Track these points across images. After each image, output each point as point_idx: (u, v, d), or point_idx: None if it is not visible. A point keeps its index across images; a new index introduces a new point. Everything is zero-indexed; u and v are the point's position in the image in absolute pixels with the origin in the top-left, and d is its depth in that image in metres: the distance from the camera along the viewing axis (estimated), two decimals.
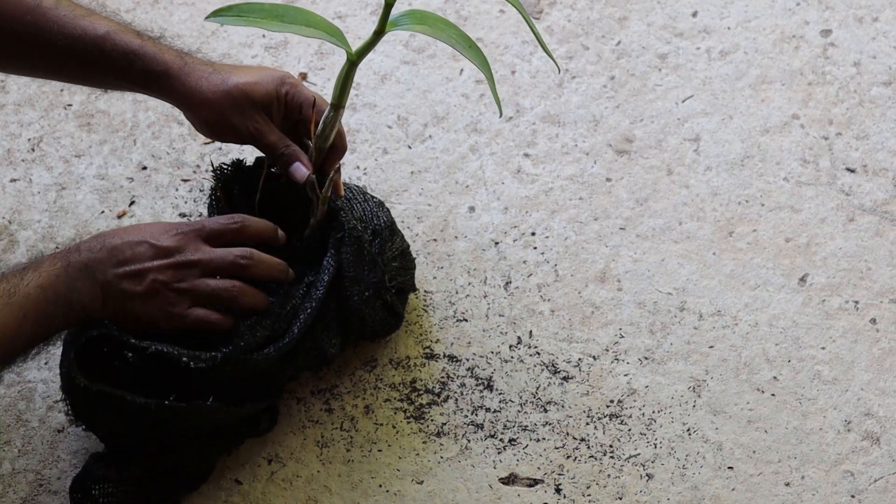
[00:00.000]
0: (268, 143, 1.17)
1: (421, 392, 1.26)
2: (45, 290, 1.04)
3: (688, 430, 1.25)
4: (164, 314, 1.11)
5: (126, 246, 1.08)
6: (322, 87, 1.43)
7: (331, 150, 1.19)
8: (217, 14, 1.09)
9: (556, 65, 1.15)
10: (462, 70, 1.44)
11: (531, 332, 1.30)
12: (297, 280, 1.18)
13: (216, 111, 1.15)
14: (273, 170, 1.20)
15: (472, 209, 1.36)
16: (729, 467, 1.23)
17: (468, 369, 1.28)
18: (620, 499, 1.22)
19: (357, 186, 1.27)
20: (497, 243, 1.34)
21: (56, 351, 1.18)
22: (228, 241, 1.14)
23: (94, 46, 1.13)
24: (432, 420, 1.25)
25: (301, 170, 1.16)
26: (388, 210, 1.26)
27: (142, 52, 1.14)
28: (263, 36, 1.45)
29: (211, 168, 1.23)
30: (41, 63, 1.18)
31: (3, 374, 1.10)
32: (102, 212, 1.36)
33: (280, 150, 1.17)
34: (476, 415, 1.25)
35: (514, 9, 1.48)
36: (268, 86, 1.16)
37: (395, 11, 1.08)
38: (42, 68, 1.19)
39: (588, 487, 1.22)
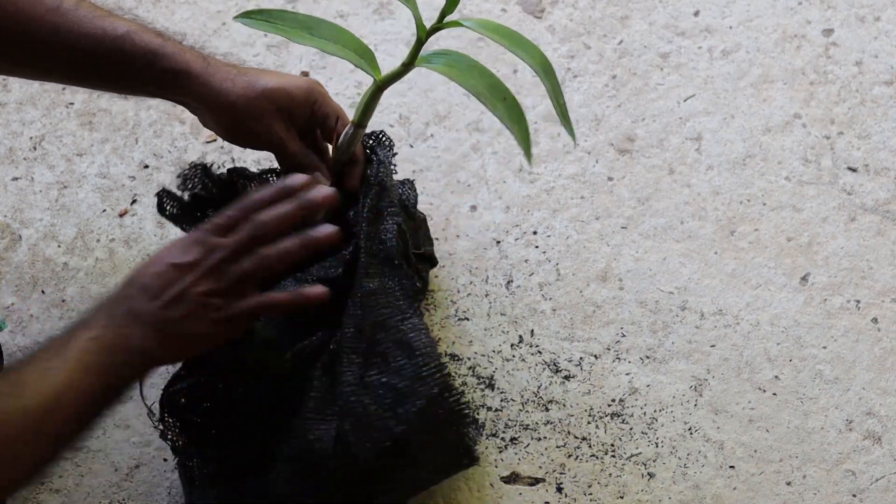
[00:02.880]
0: (290, 153, 1.15)
1: None
2: (99, 342, 1.01)
3: (689, 429, 1.25)
4: (222, 321, 1.06)
5: (154, 277, 1.04)
6: (324, 85, 1.42)
7: (350, 164, 1.18)
8: (247, 16, 1.07)
9: (573, 138, 1.09)
10: None
11: (533, 330, 1.30)
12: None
13: (239, 116, 1.12)
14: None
15: (473, 208, 1.36)
16: (730, 466, 1.23)
17: (469, 368, 1.28)
18: (622, 498, 1.22)
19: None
20: (499, 242, 1.34)
21: None
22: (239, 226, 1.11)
23: (115, 46, 1.12)
24: None
25: (322, 190, 1.12)
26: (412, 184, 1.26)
27: (162, 52, 1.12)
28: (265, 35, 1.45)
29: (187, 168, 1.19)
30: (61, 64, 1.16)
31: (84, 438, 1.08)
32: (104, 210, 1.36)
33: (301, 161, 1.15)
34: (477, 413, 1.25)
35: (516, 7, 1.48)
36: (296, 94, 1.13)
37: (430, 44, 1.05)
38: (61, 71, 1.17)
39: (589, 486, 1.22)
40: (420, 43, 1.05)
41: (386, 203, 1.16)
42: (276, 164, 1.20)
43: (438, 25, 1.04)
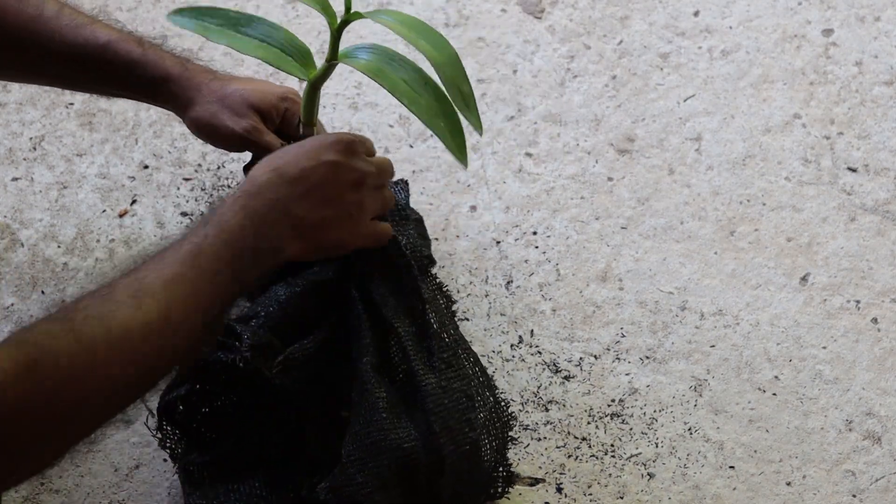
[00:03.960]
0: (263, 142, 1.14)
1: None
2: (231, 247, 0.97)
3: (689, 429, 1.25)
4: (355, 235, 1.06)
5: (306, 171, 1.01)
6: (324, 85, 1.42)
7: None
8: (178, 13, 1.05)
9: (479, 131, 1.05)
10: None
11: (532, 331, 1.30)
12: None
13: (209, 112, 1.14)
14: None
15: (473, 208, 1.36)
16: (730, 466, 1.23)
17: None
18: (622, 498, 1.22)
19: None
20: (498, 242, 1.34)
21: None
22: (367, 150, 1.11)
23: (97, 55, 1.13)
24: None
25: None
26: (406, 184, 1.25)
27: (143, 61, 1.13)
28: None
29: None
30: (44, 72, 1.18)
31: (214, 337, 1.04)
32: (104, 210, 1.36)
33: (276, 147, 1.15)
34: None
35: (516, 8, 1.48)
36: (268, 96, 1.14)
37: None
38: (45, 77, 1.19)
39: (589, 487, 1.22)
40: (335, 37, 1.04)
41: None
42: None
43: (347, 18, 1.03)
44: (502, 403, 1.17)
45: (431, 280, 1.20)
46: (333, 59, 1.05)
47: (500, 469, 1.18)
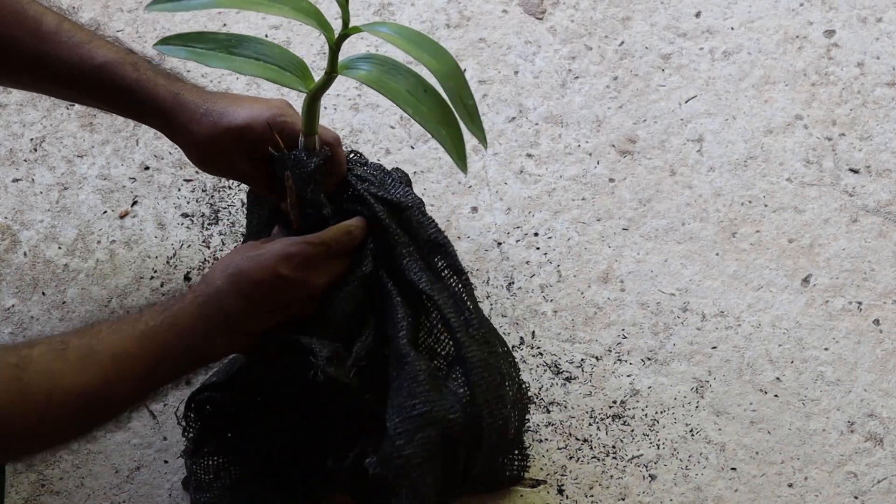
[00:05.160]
0: (255, 187, 1.17)
1: None
2: (182, 340, 1.04)
3: (691, 430, 1.25)
4: (282, 334, 1.12)
5: (258, 285, 1.07)
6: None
7: (329, 166, 1.17)
8: (164, 42, 1.04)
9: (484, 144, 1.03)
10: (465, 70, 1.44)
11: (534, 332, 1.30)
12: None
13: (205, 153, 1.14)
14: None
15: (474, 209, 1.36)
16: (732, 468, 1.23)
17: None
18: (623, 500, 1.22)
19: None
20: (500, 244, 1.34)
21: None
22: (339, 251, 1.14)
23: (92, 76, 1.13)
24: None
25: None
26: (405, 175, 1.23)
27: (136, 88, 1.13)
28: (266, 35, 1.45)
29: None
30: (39, 86, 1.18)
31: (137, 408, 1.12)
32: (105, 212, 1.36)
33: (266, 195, 1.17)
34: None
35: (517, 9, 1.48)
36: (259, 129, 1.13)
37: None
38: (41, 90, 1.20)
39: (591, 488, 1.22)
40: (334, 51, 1.04)
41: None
42: None
43: (345, 32, 1.04)
44: (524, 385, 1.19)
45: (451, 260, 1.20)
46: (333, 71, 1.04)
47: (517, 452, 1.20)
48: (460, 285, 1.15)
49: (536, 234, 1.35)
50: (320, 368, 1.07)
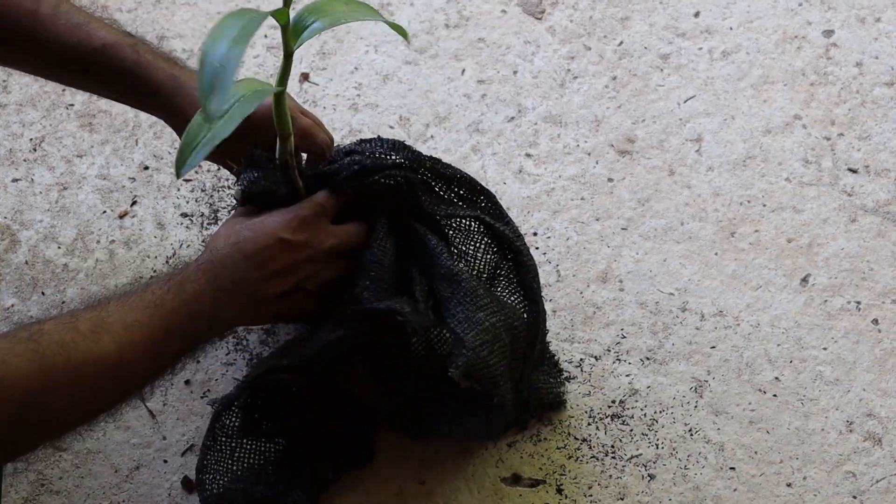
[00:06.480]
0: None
1: None
2: (189, 307, 1.04)
3: (689, 430, 1.25)
4: (300, 309, 1.12)
5: (263, 250, 1.07)
6: (324, 86, 1.43)
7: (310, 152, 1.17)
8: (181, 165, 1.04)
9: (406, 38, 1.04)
10: (464, 70, 1.44)
11: None
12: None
13: None
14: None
15: None
16: (731, 468, 1.23)
17: None
18: (622, 499, 1.22)
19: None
20: None
21: None
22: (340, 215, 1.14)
23: (90, 59, 1.12)
24: None
25: None
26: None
27: (135, 72, 1.12)
28: (266, 36, 1.45)
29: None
30: (38, 69, 1.17)
31: (153, 386, 1.10)
32: (104, 212, 1.36)
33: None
34: None
35: (516, 9, 1.48)
36: (260, 118, 1.10)
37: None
38: (41, 73, 1.19)
39: (590, 488, 1.22)
40: (285, 32, 1.02)
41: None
42: None
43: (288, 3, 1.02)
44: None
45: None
46: (289, 52, 1.03)
47: (555, 370, 1.26)
48: (488, 202, 1.18)
49: (535, 234, 1.35)
50: (411, 324, 1.09)
